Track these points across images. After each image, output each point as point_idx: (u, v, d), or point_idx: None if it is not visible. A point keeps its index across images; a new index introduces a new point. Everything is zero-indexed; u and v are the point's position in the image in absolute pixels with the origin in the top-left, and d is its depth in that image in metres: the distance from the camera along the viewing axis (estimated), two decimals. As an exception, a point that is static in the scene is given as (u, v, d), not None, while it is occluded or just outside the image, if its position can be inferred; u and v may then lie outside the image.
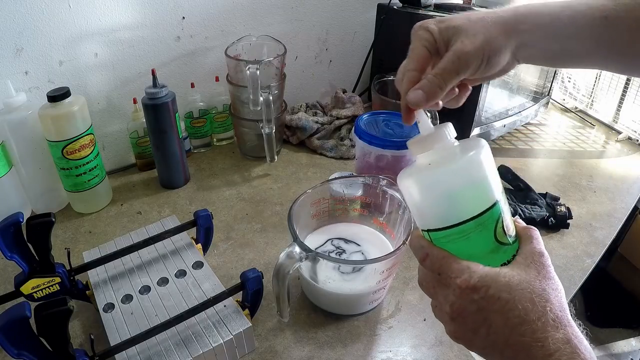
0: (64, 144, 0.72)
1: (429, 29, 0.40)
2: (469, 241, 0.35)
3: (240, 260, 0.71)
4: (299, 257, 0.52)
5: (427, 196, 0.36)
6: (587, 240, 0.76)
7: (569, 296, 0.65)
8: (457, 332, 0.35)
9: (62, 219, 0.79)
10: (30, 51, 0.77)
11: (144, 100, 0.79)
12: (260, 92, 0.83)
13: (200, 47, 0.97)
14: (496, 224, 0.34)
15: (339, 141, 1.03)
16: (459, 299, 0.34)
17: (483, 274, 0.33)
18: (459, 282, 0.33)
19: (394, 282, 0.66)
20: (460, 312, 0.34)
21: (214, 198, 0.85)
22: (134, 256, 0.62)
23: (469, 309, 0.33)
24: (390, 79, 1.08)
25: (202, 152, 1.01)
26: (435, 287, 0.37)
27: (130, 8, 0.84)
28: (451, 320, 0.35)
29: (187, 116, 0.96)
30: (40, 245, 0.52)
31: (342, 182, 0.67)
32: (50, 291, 0.54)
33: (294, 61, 1.13)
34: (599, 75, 1.10)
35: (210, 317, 0.53)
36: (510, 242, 0.35)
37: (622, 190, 0.89)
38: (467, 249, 0.35)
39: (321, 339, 0.58)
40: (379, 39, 1.16)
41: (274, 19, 1.05)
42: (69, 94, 0.72)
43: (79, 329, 0.59)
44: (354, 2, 1.16)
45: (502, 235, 0.35)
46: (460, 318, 0.34)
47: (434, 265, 0.36)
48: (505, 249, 0.35)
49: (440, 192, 0.35)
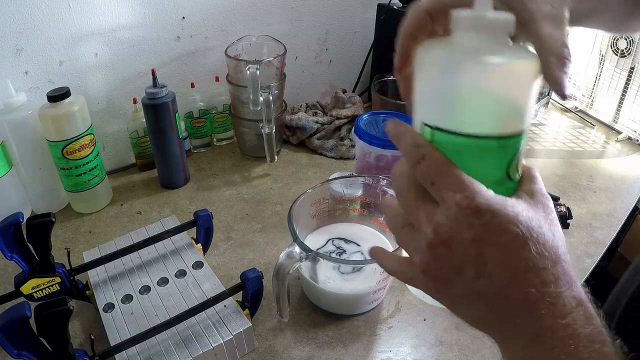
0: (64, 144, 0.72)
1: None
2: (478, 162, 0.28)
3: (240, 260, 0.71)
4: (299, 257, 0.52)
5: (461, 85, 0.27)
6: (587, 240, 0.76)
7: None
8: (432, 266, 0.26)
9: (62, 219, 0.79)
10: (30, 51, 0.77)
11: (144, 100, 0.79)
12: (260, 92, 0.83)
13: (200, 47, 0.97)
14: (514, 155, 0.28)
15: (339, 141, 1.03)
16: (452, 220, 0.25)
17: (490, 196, 0.25)
18: (458, 198, 0.25)
19: (394, 282, 0.66)
20: (448, 238, 0.25)
21: (214, 198, 0.85)
22: (134, 256, 0.62)
23: (462, 236, 0.25)
24: (391, 79, 1.08)
25: (202, 152, 1.01)
26: (418, 199, 0.27)
27: (130, 8, 0.84)
28: (430, 248, 0.26)
29: (187, 116, 0.96)
30: (40, 245, 0.52)
31: (342, 182, 0.67)
32: (50, 291, 0.54)
33: (294, 61, 1.13)
34: (599, 75, 1.10)
35: (210, 317, 0.53)
36: (515, 180, 0.29)
37: (622, 190, 0.89)
38: (470, 170, 0.27)
39: (321, 339, 0.58)
40: (379, 39, 1.16)
41: (274, 19, 1.05)
42: (69, 94, 0.72)
43: (79, 329, 0.59)
44: (354, 2, 1.16)
45: (514, 170, 0.29)
46: (444, 247, 0.26)
47: (430, 171, 0.27)
48: (508, 186, 0.29)
49: (482, 89, 0.27)
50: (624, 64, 1.03)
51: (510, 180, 0.29)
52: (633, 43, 1.00)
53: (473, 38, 0.27)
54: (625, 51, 1.02)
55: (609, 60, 1.06)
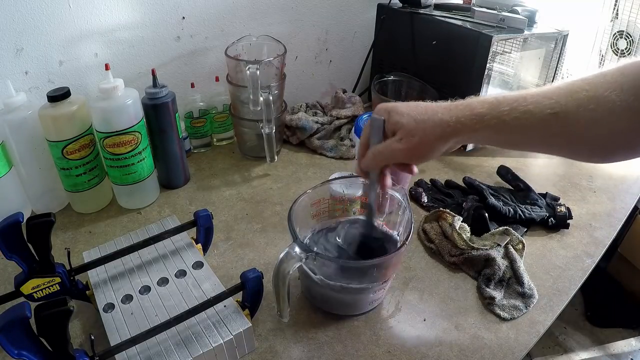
0: (64, 144, 0.72)
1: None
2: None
3: (240, 260, 0.71)
4: (299, 257, 0.52)
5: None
6: (587, 240, 0.76)
7: (569, 296, 0.65)
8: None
9: (62, 219, 0.79)
10: (30, 51, 0.77)
11: (144, 100, 0.79)
12: (260, 92, 0.83)
13: (200, 47, 0.97)
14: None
15: (339, 141, 1.03)
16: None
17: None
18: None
19: (394, 282, 0.66)
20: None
21: (214, 198, 0.85)
22: (134, 256, 0.62)
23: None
24: (390, 79, 1.08)
25: (202, 152, 1.01)
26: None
27: (130, 8, 0.85)
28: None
29: (187, 116, 0.96)
30: (40, 245, 0.52)
31: (342, 182, 0.67)
32: (50, 291, 0.54)
33: (294, 61, 1.13)
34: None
35: (210, 317, 0.53)
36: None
37: (622, 190, 0.89)
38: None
39: (321, 339, 0.58)
40: (379, 39, 1.16)
41: (274, 19, 1.05)
42: (69, 94, 0.72)
43: (79, 329, 0.59)
44: (354, 2, 1.16)
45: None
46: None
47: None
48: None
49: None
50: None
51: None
52: (633, 43, 1.00)
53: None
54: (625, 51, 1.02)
55: (609, 60, 1.06)
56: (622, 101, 0.39)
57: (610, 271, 1.47)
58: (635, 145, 0.42)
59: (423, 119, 0.47)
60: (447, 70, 1.00)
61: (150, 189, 0.83)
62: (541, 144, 0.47)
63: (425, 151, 0.48)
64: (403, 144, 0.48)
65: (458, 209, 0.80)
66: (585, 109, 0.41)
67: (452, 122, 0.46)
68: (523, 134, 0.45)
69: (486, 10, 0.98)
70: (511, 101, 0.44)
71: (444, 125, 0.46)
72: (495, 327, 0.60)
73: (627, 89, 0.39)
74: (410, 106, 0.50)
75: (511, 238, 0.71)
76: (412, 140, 0.48)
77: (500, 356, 0.56)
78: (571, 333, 1.45)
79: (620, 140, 0.42)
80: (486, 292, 0.64)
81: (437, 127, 0.47)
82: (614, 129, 0.41)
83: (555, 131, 0.43)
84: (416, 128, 0.47)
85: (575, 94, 0.42)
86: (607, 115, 0.40)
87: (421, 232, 0.76)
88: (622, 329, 1.45)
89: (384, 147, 0.50)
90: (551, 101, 0.42)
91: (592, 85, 0.41)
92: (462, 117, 0.46)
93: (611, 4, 1.04)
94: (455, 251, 0.70)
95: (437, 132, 0.47)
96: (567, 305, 0.64)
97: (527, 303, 0.63)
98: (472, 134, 0.46)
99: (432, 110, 0.48)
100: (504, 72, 1.04)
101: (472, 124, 0.45)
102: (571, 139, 0.44)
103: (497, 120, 0.44)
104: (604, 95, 0.40)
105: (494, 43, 0.89)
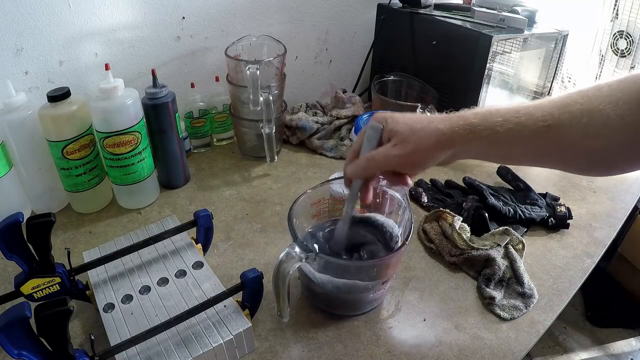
0: (64, 144, 0.72)
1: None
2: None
3: (240, 260, 0.71)
4: (299, 257, 0.52)
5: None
6: (587, 240, 0.76)
7: (569, 296, 0.65)
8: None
9: (62, 219, 0.79)
10: (30, 51, 0.77)
11: (144, 100, 0.79)
12: (260, 92, 0.83)
13: (200, 47, 0.97)
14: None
15: (339, 141, 1.03)
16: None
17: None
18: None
19: (394, 282, 0.66)
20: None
21: (214, 198, 0.85)
22: (134, 256, 0.62)
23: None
24: (390, 79, 1.08)
25: (202, 152, 1.01)
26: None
27: (130, 8, 0.85)
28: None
29: (187, 116, 0.96)
30: (40, 245, 0.52)
31: (342, 182, 0.66)
32: (50, 291, 0.54)
33: (294, 61, 1.13)
34: (599, 75, 1.10)
35: (210, 317, 0.53)
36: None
37: (622, 190, 0.89)
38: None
39: (321, 339, 0.58)
40: (379, 39, 1.16)
41: (274, 19, 1.05)
42: (69, 94, 0.72)
43: (79, 329, 0.59)
44: (354, 2, 1.16)
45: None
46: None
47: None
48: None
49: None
50: (624, 64, 1.03)
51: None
52: (633, 43, 1.00)
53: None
54: (625, 51, 1.02)
55: (609, 60, 1.07)
56: (617, 115, 0.39)
57: (610, 271, 1.47)
58: (633, 158, 0.41)
59: (419, 127, 0.48)
60: (447, 70, 1.00)
61: (150, 189, 0.83)
62: (535, 156, 0.47)
63: (419, 158, 0.48)
64: (397, 149, 0.48)
65: (458, 209, 0.80)
66: (579, 122, 0.41)
67: (446, 130, 0.46)
68: (516, 146, 0.45)
69: (486, 10, 0.98)
70: (504, 113, 0.44)
71: (438, 134, 0.46)
72: (495, 327, 0.60)
73: (622, 103, 0.39)
74: (407, 116, 0.50)
75: (511, 238, 0.71)
76: (406, 147, 0.48)
77: (500, 356, 0.56)
78: (571, 333, 1.45)
79: (617, 153, 0.42)
80: (486, 292, 0.64)
81: (432, 135, 0.47)
82: (609, 143, 0.41)
83: (548, 144, 0.43)
84: (411, 135, 0.48)
85: (568, 106, 0.42)
86: (601, 129, 0.40)
87: (421, 232, 0.76)
88: (622, 329, 1.45)
89: (377, 153, 0.50)
90: (544, 114, 0.42)
91: (587, 98, 0.41)
92: (456, 126, 0.46)
93: (611, 4, 1.04)
94: (455, 251, 0.70)
95: (432, 140, 0.47)
96: (567, 305, 0.64)
97: (527, 303, 0.63)
98: (466, 146, 0.46)
99: (428, 120, 0.48)
100: (504, 72, 1.04)
101: (465, 133, 0.45)
102: (564, 152, 0.44)
103: (490, 131, 0.44)
104: (599, 108, 0.40)
105: (494, 43, 0.89)
